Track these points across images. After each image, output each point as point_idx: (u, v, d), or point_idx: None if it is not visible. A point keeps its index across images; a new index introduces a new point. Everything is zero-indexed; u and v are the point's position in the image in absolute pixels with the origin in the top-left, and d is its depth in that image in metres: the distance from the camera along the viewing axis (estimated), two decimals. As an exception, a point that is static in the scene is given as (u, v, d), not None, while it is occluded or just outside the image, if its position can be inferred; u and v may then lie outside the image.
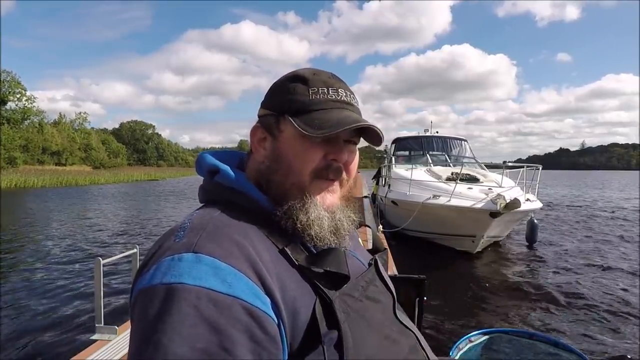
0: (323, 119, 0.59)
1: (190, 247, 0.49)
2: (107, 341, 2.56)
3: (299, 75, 0.63)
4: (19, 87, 44.41)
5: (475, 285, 5.32)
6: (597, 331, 3.86)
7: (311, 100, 0.61)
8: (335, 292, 0.54)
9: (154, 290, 0.46)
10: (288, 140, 0.60)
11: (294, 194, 0.59)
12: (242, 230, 0.54)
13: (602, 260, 6.68)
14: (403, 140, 10.29)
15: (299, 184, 0.60)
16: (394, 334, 0.60)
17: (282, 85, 0.64)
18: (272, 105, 0.64)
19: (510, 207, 5.54)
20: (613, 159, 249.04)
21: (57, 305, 4.62)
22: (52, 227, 10.66)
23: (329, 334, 0.50)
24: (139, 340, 0.44)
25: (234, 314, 0.45)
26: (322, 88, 0.62)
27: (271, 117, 0.63)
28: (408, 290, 1.05)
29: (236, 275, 0.47)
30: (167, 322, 0.43)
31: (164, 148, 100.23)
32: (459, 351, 1.49)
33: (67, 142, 54.75)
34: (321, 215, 0.59)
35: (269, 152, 0.62)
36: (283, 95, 0.62)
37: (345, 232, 0.61)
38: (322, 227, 0.58)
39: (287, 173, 0.60)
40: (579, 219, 12.05)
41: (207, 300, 0.44)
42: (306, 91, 0.61)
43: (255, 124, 0.65)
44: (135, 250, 3.17)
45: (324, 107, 0.61)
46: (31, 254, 7.43)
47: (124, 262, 5.69)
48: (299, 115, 0.60)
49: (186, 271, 0.46)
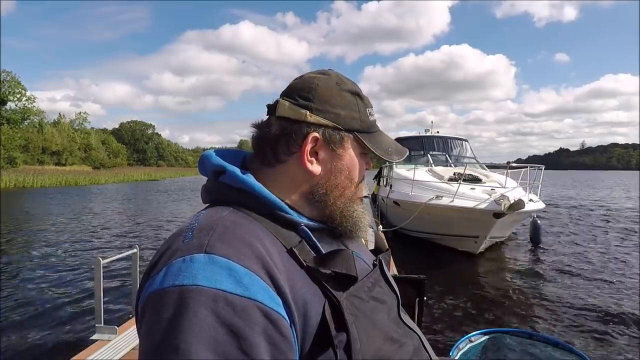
0: (384, 143, 0.67)
1: (202, 248, 0.48)
2: (107, 341, 2.56)
3: (354, 90, 0.65)
4: (19, 87, 44.42)
5: (475, 286, 5.32)
6: (598, 331, 3.85)
7: (370, 122, 0.65)
8: (342, 293, 0.54)
9: (167, 292, 0.45)
10: (353, 157, 0.64)
11: (354, 204, 0.65)
12: (252, 230, 0.53)
13: (603, 261, 6.68)
14: (404, 140, 10.27)
15: (356, 194, 0.66)
16: (399, 335, 0.60)
17: (339, 96, 0.62)
18: (338, 119, 0.61)
19: (515, 208, 5.51)
20: (613, 159, 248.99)
21: (57, 305, 4.63)
22: (52, 227, 10.65)
23: (338, 336, 0.50)
24: (154, 346, 0.43)
25: (252, 317, 0.44)
26: (371, 109, 0.67)
27: (334, 132, 0.61)
28: (408, 290, 1.04)
29: (251, 277, 0.46)
30: (185, 326, 0.42)
31: (163, 148, 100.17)
32: (459, 351, 1.49)
33: (67, 142, 54.72)
34: (365, 215, 0.67)
35: (328, 165, 0.62)
36: (351, 112, 0.63)
37: (363, 231, 0.69)
38: (367, 225, 0.68)
39: (351, 187, 0.65)
40: (581, 219, 12.06)
41: (224, 303, 0.43)
42: (365, 110, 0.65)
43: (313, 133, 0.60)
44: (135, 250, 3.17)
45: (376, 130, 0.67)
46: (31, 254, 7.43)
47: (124, 262, 5.69)
48: (365, 135, 0.64)
49: (200, 272, 0.45)
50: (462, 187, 6.16)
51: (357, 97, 0.64)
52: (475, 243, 6.51)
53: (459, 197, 6.05)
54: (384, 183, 9.59)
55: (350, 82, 0.66)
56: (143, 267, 1.82)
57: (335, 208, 0.63)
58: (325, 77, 0.64)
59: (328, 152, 0.61)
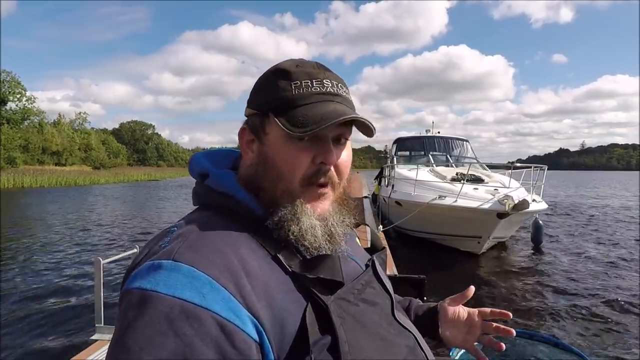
0: (307, 115, 0.54)
1: (171, 255, 0.48)
2: (107, 341, 2.55)
3: (281, 68, 0.59)
4: (19, 87, 44.48)
5: (476, 285, 5.26)
6: (598, 332, 3.86)
7: (294, 95, 0.56)
8: (330, 297, 0.53)
9: (131, 294, 0.47)
10: (274, 142, 0.57)
11: (284, 202, 0.56)
12: (228, 238, 0.52)
13: (604, 262, 6.68)
14: (405, 140, 10.28)
15: (289, 191, 0.56)
16: (391, 336, 0.60)
17: (264, 81, 0.60)
18: (256, 104, 0.60)
19: (519, 208, 5.50)
20: (613, 160, 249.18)
21: (57, 306, 4.63)
22: (52, 227, 10.65)
23: (322, 339, 0.50)
24: (113, 341, 0.45)
25: (204, 327, 0.44)
26: (306, 81, 0.57)
27: (256, 117, 0.59)
28: (408, 290, 1.05)
29: (213, 286, 0.46)
30: (138, 328, 0.43)
31: (163, 148, 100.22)
32: (459, 351, 1.49)
33: (67, 142, 54.70)
34: (314, 224, 0.56)
35: (256, 156, 0.59)
36: (266, 92, 0.59)
37: (340, 238, 0.59)
38: (316, 236, 0.56)
39: (276, 180, 0.57)
40: (582, 219, 12.06)
41: (178, 312, 0.44)
42: (289, 86, 0.57)
43: (243, 124, 0.61)
44: (135, 250, 3.17)
45: (307, 102, 0.56)
46: (31, 254, 7.42)
47: (124, 262, 5.69)
48: (283, 113, 0.56)
49: (162, 279, 0.46)
50: (465, 187, 6.14)
51: (280, 74, 0.58)
52: (478, 243, 6.50)
53: (462, 197, 6.02)
54: (385, 183, 9.57)
55: (290, 62, 0.60)
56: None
57: (268, 202, 0.57)
58: (268, 69, 0.63)
59: (255, 142, 0.59)
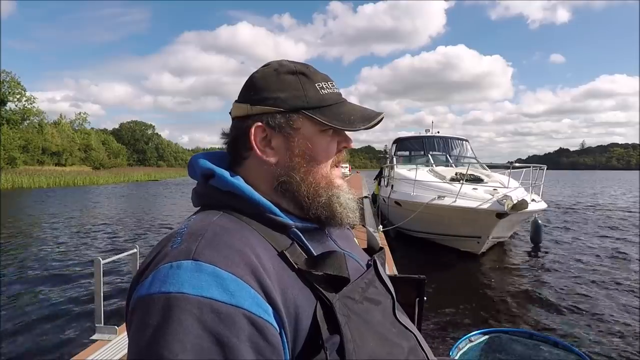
0: (345, 113, 0.62)
1: (189, 254, 0.47)
2: (107, 341, 2.55)
3: (297, 70, 0.62)
4: (19, 87, 44.38)
5: (476, 285, 5.32)
6: (598, 331, 3.85)
7: (323, 95, 0.62)
8: (335, 295, 0.53)
9: (153, 299, 0.45)
10: (308, 136, 0.61)
11: (323, 187, 0.61)
12: (242, 235, 0.53)
13: (604, 261, 6.68)
14: (404, 140, 10.25)
15: (326, 176, 0.62)
16: (393, 336, 0.60)
17: (282, 81, 0.61)
18: (278, 102, 0.61)
19: (518, 208, 5.49)
20: (613, 159, 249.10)
21: (57, 306, 4.62)
22: (52, 227, 10.65)
23: (331, 338, 0.50)
24: (139, 352, 0.43)
25: (237, 325, 0.44)
26: (325, 82, 0.63)
27: (278, 115, 0.60)
28: (408, 290, 1.04)
29: (238, 284, 0.46)
30: (170, 334, 0.42)
31: (163, 148, 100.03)
32: (459, 351, 1.49)
33: (66, 142, 54.65)
34: (348, 199, 0.63)
35: (283, 150, 0.61)
36: (293, 91, 0.61)
37: (356, 211, 0.65)
38: (352, 210, 0.63)
39: (314, 168, 0.61)
40: (582, 219, 12.05)
41: (209, 311, 0.43)
42: (314, 85, 0.62)
43: (255, 123, 0.60)
44: (135, 250, 3.17)
45: (335, 102, 0.63)
46: (31, 254, 7.42)
47: (124, 262, 5.69)
48: (316, 111, 0.61)
49: (186, 280, 0.45)
50: (464, 187, 6.14)
51: (299, 76, 0.62)
52: (477, 243, 6.49)
53: (461, 197, 6.01)
54: (384, 183, 9.55)
55: (293, 64, 0.64)
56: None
57: (302, 194, 0.60)
58: (263, 68, 0.65)
59: (279, 138, 0.61)
